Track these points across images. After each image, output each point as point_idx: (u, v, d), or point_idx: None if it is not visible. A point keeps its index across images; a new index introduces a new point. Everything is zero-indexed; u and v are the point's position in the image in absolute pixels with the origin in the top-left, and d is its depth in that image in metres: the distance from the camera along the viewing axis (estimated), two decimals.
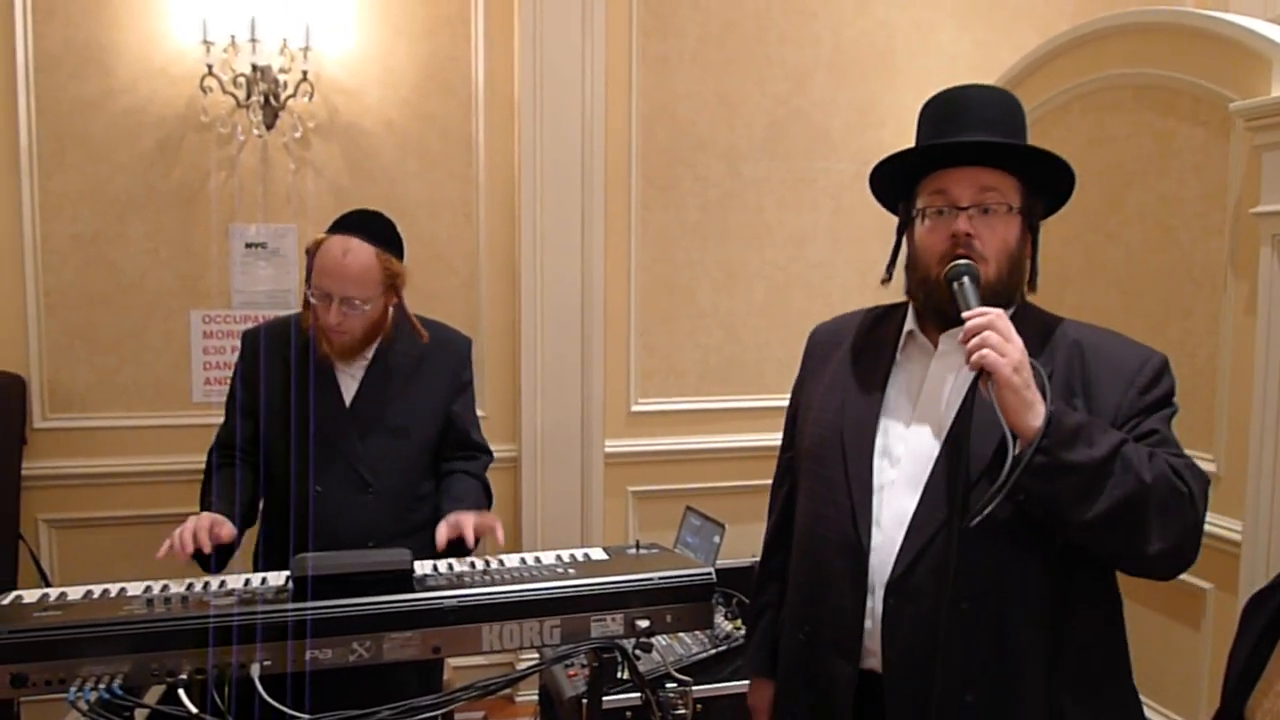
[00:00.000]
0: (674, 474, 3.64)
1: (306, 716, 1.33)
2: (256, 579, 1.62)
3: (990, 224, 1.37)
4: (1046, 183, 1.44)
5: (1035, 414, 1.23)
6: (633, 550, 1.72)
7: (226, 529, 1.87)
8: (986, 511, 1.20)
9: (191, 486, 2.23)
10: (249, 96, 3.08)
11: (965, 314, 1.28)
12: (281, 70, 3.09)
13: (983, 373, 1.24)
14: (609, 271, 3.50)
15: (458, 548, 1.94)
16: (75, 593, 1.52)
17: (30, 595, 1.50)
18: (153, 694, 1.45)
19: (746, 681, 2.44)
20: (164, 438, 3.17)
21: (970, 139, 1.38)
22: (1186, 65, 2.70)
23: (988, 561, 1.31)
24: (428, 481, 2.24)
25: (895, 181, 1.53)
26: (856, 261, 3.81)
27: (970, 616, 1.31)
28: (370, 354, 2.16)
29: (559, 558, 1.68)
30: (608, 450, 3.55)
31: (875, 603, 1.38)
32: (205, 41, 2.99)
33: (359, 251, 2.03)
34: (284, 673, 1.39)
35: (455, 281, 3.42)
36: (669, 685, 1.97)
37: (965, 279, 1.33)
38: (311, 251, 2.08)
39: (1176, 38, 2.73)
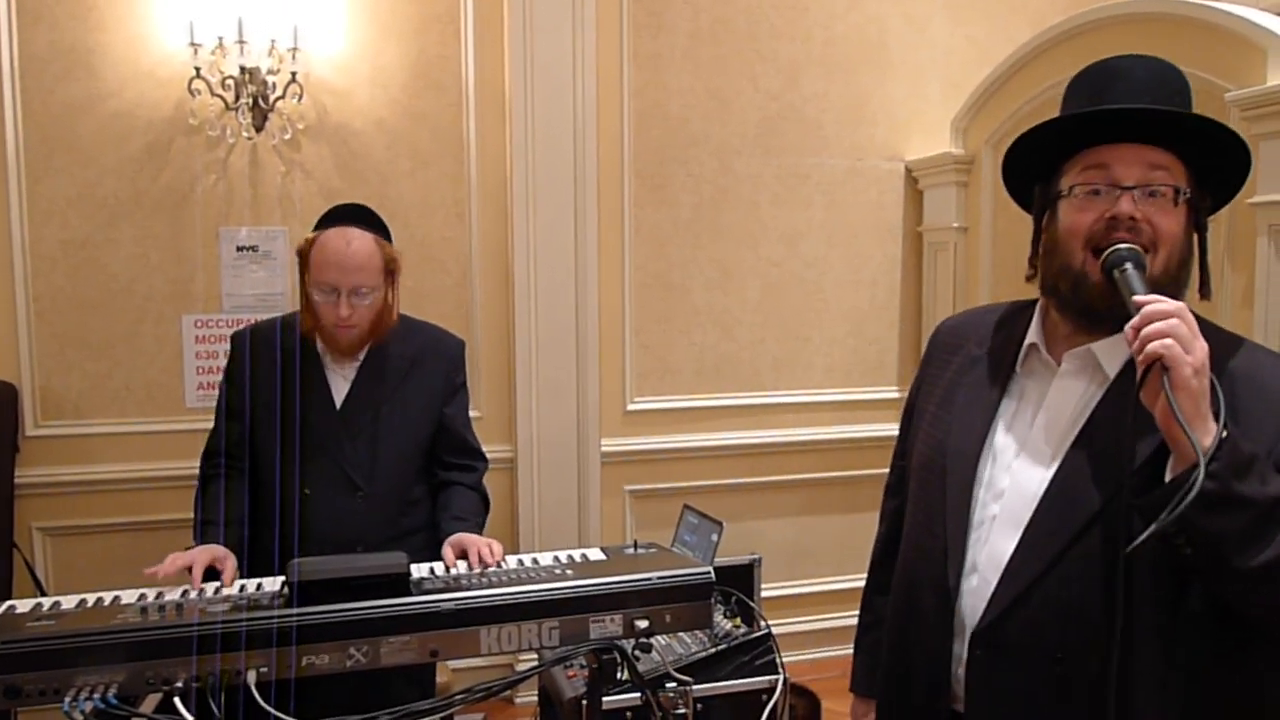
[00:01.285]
0: (671, 472, 3.63)
1: None
2: (252, 585, 1.61)
3: (1159, 208, 1.16)
4: (1215, 174, 1.23)
5: (1206, 431, 1.03)
6: (630, 550, 1.71)
7: (230, 565, 1.83)
8: (1148, 534, 1.01)
9: (185, 492, 2.21)
10: (237, 99, 3.06)
11: (1138, 299, 1.08)
12: (270, 72, 3.07)
13: (1152, 369, 1.05)
14: (603, 270, 3.49)
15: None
16: (69, 602, 1.50)
17: (23, 605, 1.49)
18: (148, 703, 1.43)
19: (746, 681, 2.45)
20: (157, 443, 3.16)
21: (1142, 106, 1.16)
22: (1181, 55, 2.66)
23: (1093, 618, 1.14)
24: (420, 485, 2.22)
25: (1032, 164, 1.29)
26: (850, 257, 3.81)
27: (1069, 677, 1.15)
28: (362, 355, 2.14)
29: (557, 559, 1.67)
30: (604, 450, 3.54)
31: (963, 650, 1.24)
32: (193, 44, 2.97)
33: (361, 240, 2.03)
34: (280, 679, 1.37)
35: (448, 281, 3.40)
36: (669, 685, 1.96)
37: (1129, 265, 1.12)
38: (305, 251, 2.06)
39: (1171, 28, 2.72)
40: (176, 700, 1.32)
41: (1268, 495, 1.04)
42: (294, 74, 3.08)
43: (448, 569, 1.73)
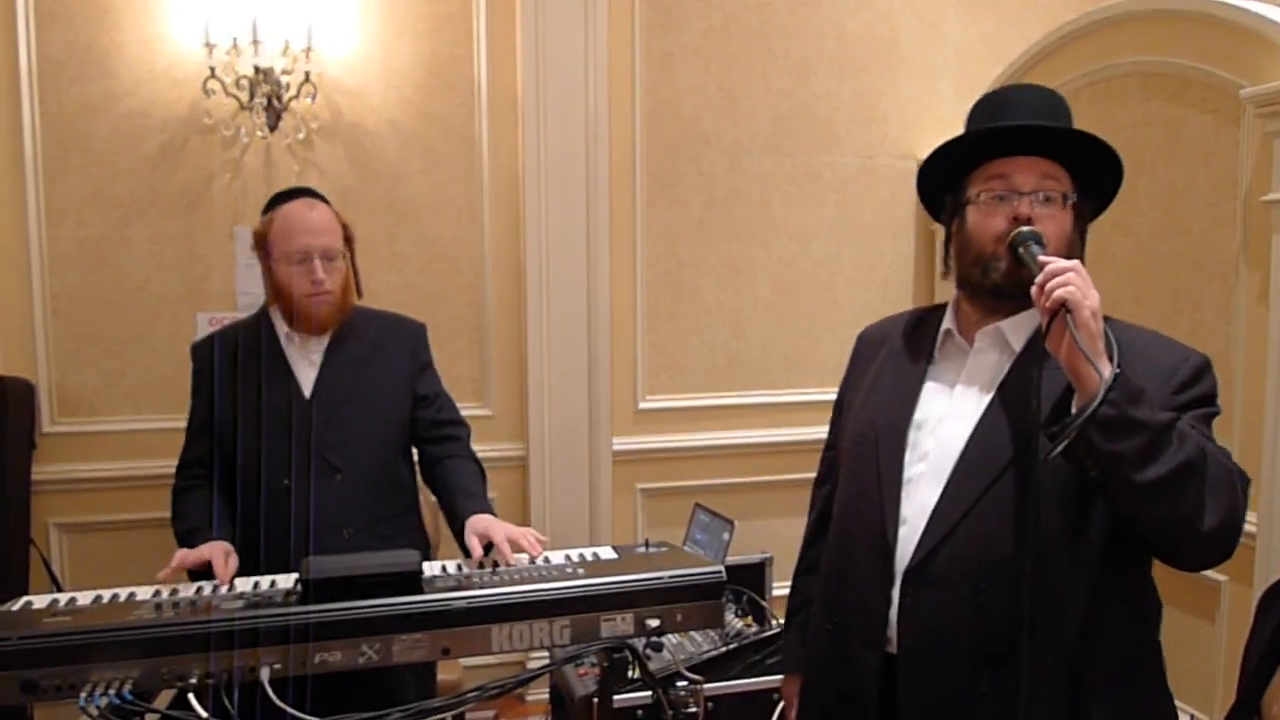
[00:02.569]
0: (682, 471, 3.63)
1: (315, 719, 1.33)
2: (265, 582, 1.62)
3: (1049, 213, 1.37)
4: (1094, 182, 1.44)
5: (1104, 363, 1.19)
6: (642, 549, 1.71)
7: (233, 561, 1.84)
8: (1056, 448, 1.18)
9: None
10: (252, 99, 3.07)
11: (1043, 258, 1.26)
12: (284, 72, 3.08)
13: (1055, 316, 1.22)
14: (614, 269, 3.49)
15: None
16: (85, 598, 1.51)
17: (40, 601, 1.50)
18: (163, 699, 1.44)
19: (758, 679, 2.45)
20: (173, 440, 3.12)
21: (1034, 124, 1.37)
22: (1195, 52, 2.67)
23: (1008, 551, 1.30)
24: (404, 465, 2.22)
25: (941, 175, 1.50)
26: (861, 256, 3.80)
27: (989, 605, 1.31)
28: (325, 342, 2.14)
29: (568, 557, 1.68)
30: (616, 448, 3.54)
31: (895, 592, 1.39)
32: (207, 44, 2.99)
33: (318, 205, 2.10)
34: (293, 676, 1.38)
35: (460, 281, 3.41)
36: (680, 684, 1.96)
37: (1031, 243, 1.31)
38: (263, 232, 2.09)
39: (1185, 24, 2.70)
40: (191, 696, 1.33)
41: (1158, 420, 1.20)
42: (308, 74, 3.09)
43: (469, 555, 1.75)
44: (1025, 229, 1.33)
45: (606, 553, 1.69)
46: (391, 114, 3.29)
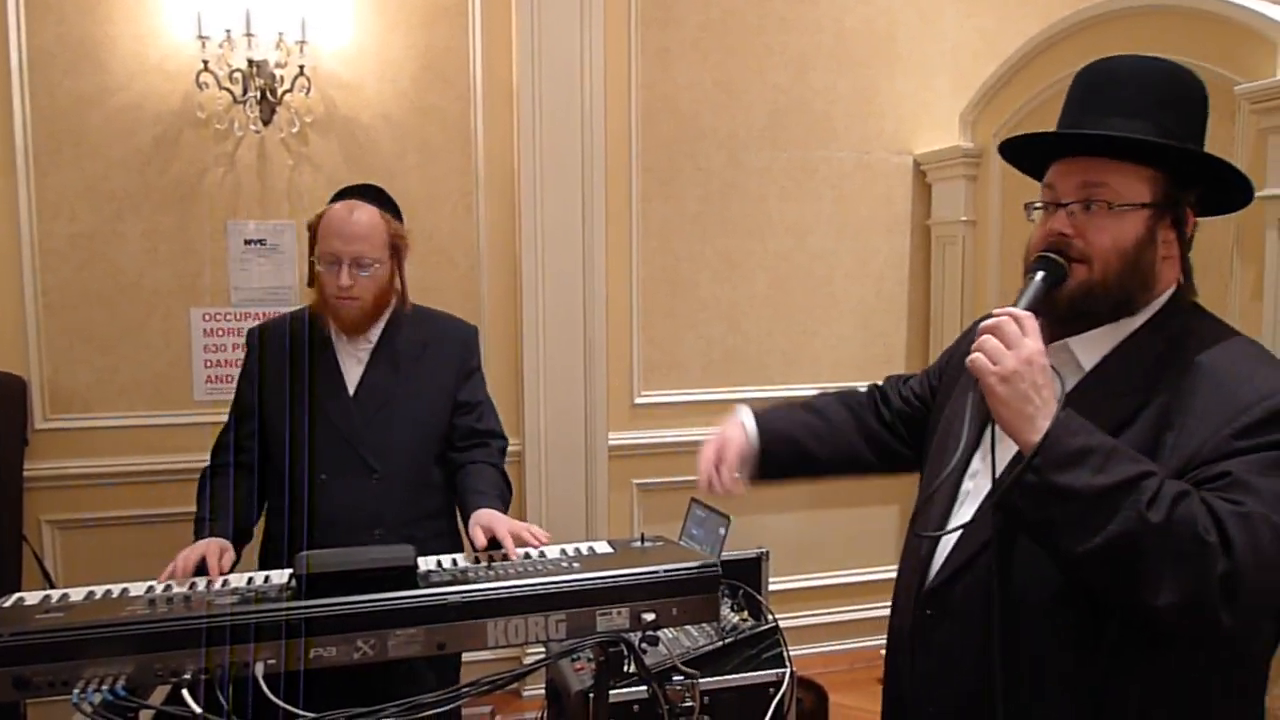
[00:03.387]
0: (678, 466, 3.62)
1: (312, 715, 1.32)
2: (259, 577, 1.61)
3: (1095, 222, 1.24)
4: (1200, 173, 1.27)
5: (1034, 429, 1.12)
6: (638, 543, 1.70)
7: (228, 557, 1.83)
8: (958, 528, 1.20)
9: (194, 486, 2.20)
10: (245, 92, 3.06)
11: (998, 310, 1.20)
12: (278, 65, 3.07)
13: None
14: (610, 263, 3.48)
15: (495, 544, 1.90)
16: (77, 594, 1.51)
17: (32, 597, 1.49)
18: (157, 695, 1.44)
19: (753, 674, 2.45)
20: (166, 437, 3.16)
21: (1076, 131, 1.27)
22: (1191, 48, 2.67)
23: (1021, 584, 1.24)
24: (438, 470, 2.22)
25: (1027, 159, 1.41)
26: (858, 250, 3.80)
27: (1001, 636, 1.24)
28: (375, 338, 2.15)
29: (564, 551, 1.67)
30: (611, 443, 3.54)
31: (912, 616, 1.38)
32: (200, 37, 2.97)
33: (364, 209, 2.08)
34: (288, 671, 1.38)
35: (456, 274, 3.40)
36: (676, 678, 1.97)
37: (1037, 274, 1.25)
38: (314, 225, 2.09)
39: (1180, 20, 2.70)
40: (185, 692, 1.33)
41: (1093, 486, 1.08)
42: (302, 67, 3.08)
43: (474, 547, 1.74)
44: (1041, 256, 1.26)
45: (602, 547, 1.69)
46: (386, 107, 3.28)
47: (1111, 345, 1.26)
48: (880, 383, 1.71)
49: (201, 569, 1.76)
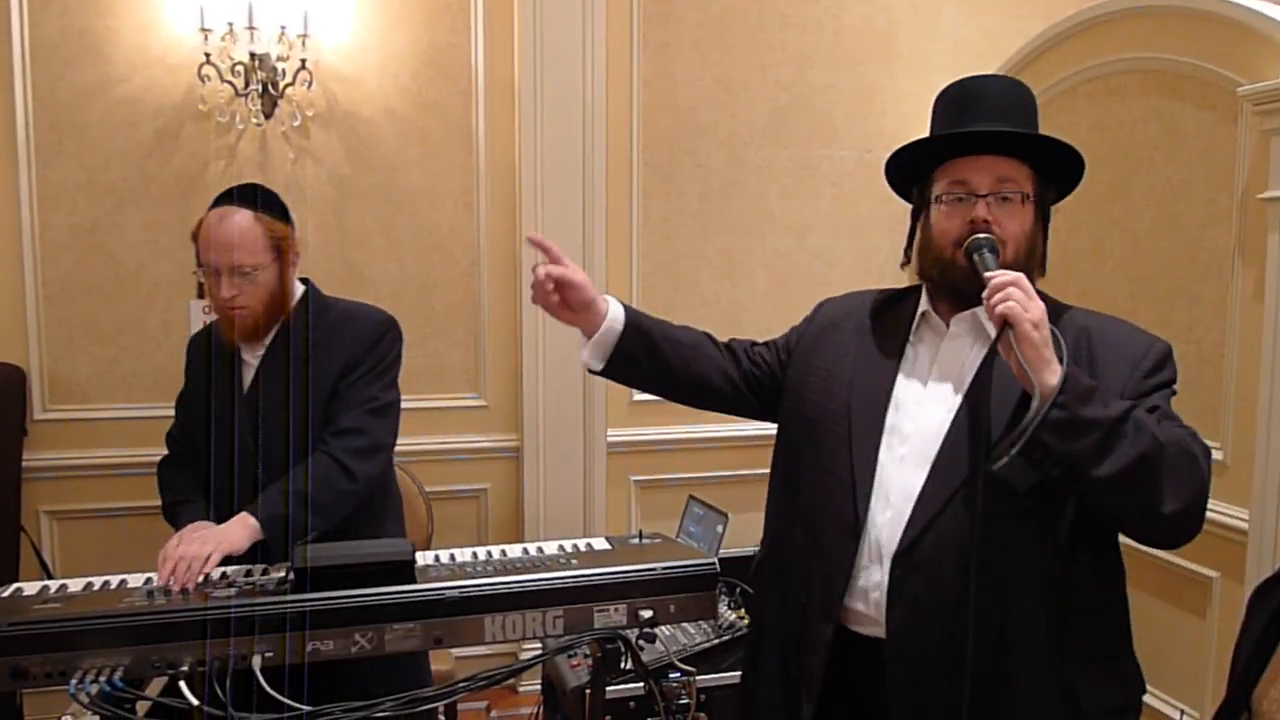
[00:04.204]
0: (676, 463, 3.63)
1: (308, 708, 1.32)
2: (258, 570, 1.62)
3: (1007, 212, 1.43)
4: (1057, 170, 1.49)
5: (1052, 371, 1.26)
6: (635, 540, 1.71)
7: (216, 557, 1.81)
8: (1008, 457, 1.24)
9: None
10: (247, 85, 3.06)
11: (988, 274, 1.33)
12: (280, 58, 3.06)
13: (1004, 329, 1.28)
14: (610, 260, 3.48)
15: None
16: (75, 585, 1.51)
17: (30, 588, 1.50)
18: (154, 686, 1.44)
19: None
20: (164, 428, 3.14)
21: (989, 128, 1.44)
22: (1194, 49, 2.67)
23: (992, 534, 1.33)
24: None
25: (909, 168, 1.60)
26: (858, 249, 3.79)
27: (975, 587, 1.34)
28: (269, 339, 2.06)
29: (561, 548, 1.68)
30: (610, 440, 3.54)
31: (883, 575, 1.41)
32: (203, 29, 2.96)
33: (235, 215, 1.96)
34: (284, 664, 1.38)
35: (456, 271, 3.40)
36: (672, 675, 1.97)
37: (985, 250, 1.38)
38: (194, 234, 2.01)
39: (1183, 21, 2.70)
40: (182, 684, 1.33)
41: (1109, 415, 1.26)
42: (304, 61, 3.07)
43: (452, 556, 1.73)
44: (980, 236, 1.39)
45: (600, 544, 1.69)
46: (388, 102, 3.27)
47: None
48: (726, 341, 1.77)
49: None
